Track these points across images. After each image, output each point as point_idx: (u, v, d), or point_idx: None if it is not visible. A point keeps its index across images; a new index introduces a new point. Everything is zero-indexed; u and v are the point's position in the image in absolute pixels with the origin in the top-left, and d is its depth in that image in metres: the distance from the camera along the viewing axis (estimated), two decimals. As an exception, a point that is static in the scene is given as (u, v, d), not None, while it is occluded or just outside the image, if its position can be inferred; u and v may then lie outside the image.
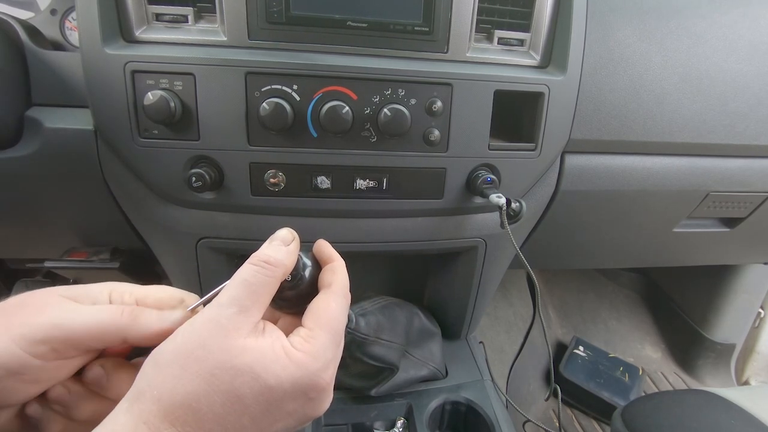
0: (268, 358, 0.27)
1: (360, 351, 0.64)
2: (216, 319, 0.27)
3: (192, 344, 0.26)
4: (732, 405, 0.67)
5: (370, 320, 0.64)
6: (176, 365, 0.26)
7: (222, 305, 0.28)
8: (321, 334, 0.29)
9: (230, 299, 0.28)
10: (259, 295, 0.29)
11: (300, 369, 0.27)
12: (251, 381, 0.26)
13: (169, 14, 0.53)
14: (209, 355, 0.26)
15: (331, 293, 0.32)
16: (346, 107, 0.52)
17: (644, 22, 0.63)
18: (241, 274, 0.29)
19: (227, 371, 0.26)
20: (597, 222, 0.80)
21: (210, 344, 0.26)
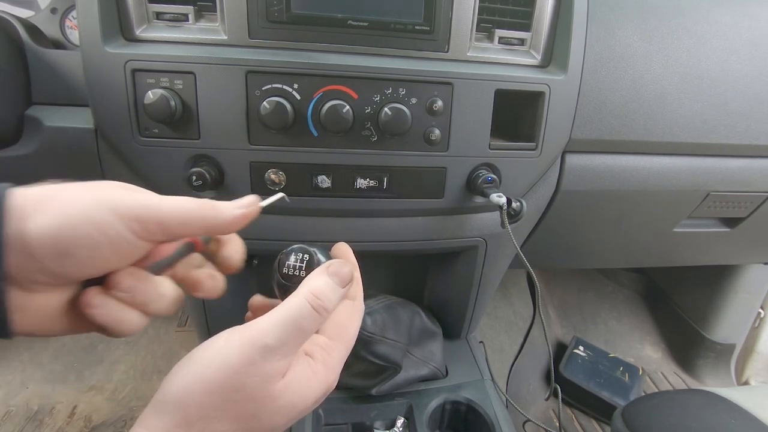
0: (304, 387, 0.28)
1: (365, 349, 0.64)
2: (260, 365, 0.26)
3: (231, 389, 0.26)
4: (732, 405, 0.67)
5: (377, 319, 0.64)
6: (213, 410, 0.25)
7: (269, 350, 0.26)
8: (340, 347, 0.30)
9: (279, 344, 0.26)
10: (303, 341, 0.28)
11: (322, 384, 0.29)
12: (289, 412, 0.28)
13: (170, 13, 0.53)
14: (251, 400, 0.26)
15: (355, 309, 0.33)
16: (346, 106, 0.52)
17: (645, 21, 0.63)
18: (298, 318, 0.27)
19: (269, 412, 0.27)
20: (597, 222, 0.80)
21: (251, 390, 0.26)
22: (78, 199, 0.25)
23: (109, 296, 0.27)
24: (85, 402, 1.17)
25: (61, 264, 0.25)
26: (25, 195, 0.25)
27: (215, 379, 0.26)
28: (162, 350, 1.31)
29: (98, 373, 1.24)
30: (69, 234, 0.24)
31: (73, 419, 1.13)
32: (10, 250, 0.23)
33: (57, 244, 0.24)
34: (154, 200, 0.27)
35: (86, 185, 0.27)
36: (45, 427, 1.11)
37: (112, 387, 1.21)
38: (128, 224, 0.26)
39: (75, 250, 0.25)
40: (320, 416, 0.71)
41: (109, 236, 0.25)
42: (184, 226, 0.28)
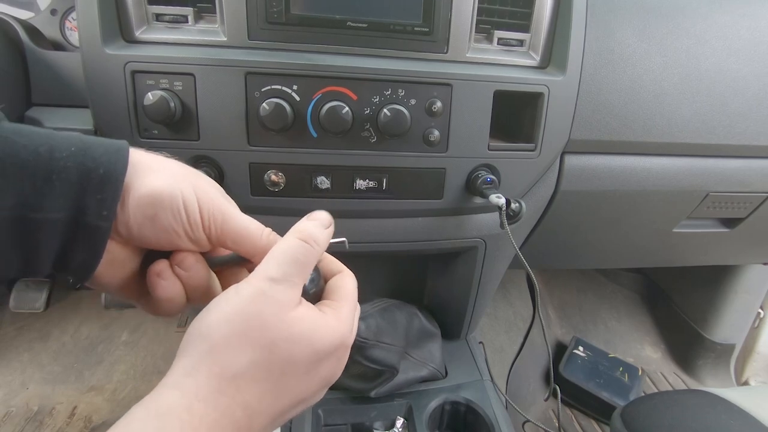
0: (317, 325, 0.29)
1: (360, 354, 0.64)
2: (270, 294, 0.28)
3: (248, 316, 0.27)
4: (732, 405, 0.67)
5: (370, 323, 0.64)
6: (234, 337, 0.27)
7: (275, 280, 0.28)
8: (345, 304, 0.32)
9: (282, 275, 0.28)
10: (305, 272, 0.30)
11: (337, 332, 0.30)
12: (306, 347, 0.28)
13: (169, 14, 0.53)
14: (268, 326, 0.27)
15: (344, 276, 0.35)
16: (345, 107, 0.52)
17: (644, 22, 0.63)
18: (292, 251, 0.29)
19: (286, 340, 0.28)
20: (597, 222, 0.80)
21: (267, 317, 0.27)
22: (182, 177, 0.30)
23: (173, 272, 0.31)
24: (85, 402, 1.17)
25: (143, 224, 0.29)
26: (143, 157, 0.29)
27: (234, 309, 0.27)
28: (162, 350, 1.31)
29: (98, 374, 1.24)
30: (166, 200, 0.28)
31: (73, 420, 1.13)
32: None
33: (152, 205, 0.28)
34: (234, 216, 0.31)
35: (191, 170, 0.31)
36: (45, 427, 1.11)
37: (112, 387, 1.21)
38: (204, 216, 0.30)
39: (163, 218, 0.29)
40: (320, 416, 0.71)
41: (189, 218, 0.29)
42: (238, 238, 0.32)
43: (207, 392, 0.25)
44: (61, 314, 1.36)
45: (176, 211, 0.29)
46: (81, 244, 0.27)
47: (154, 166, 0.29)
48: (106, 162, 0.27)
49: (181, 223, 0.29)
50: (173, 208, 0.29)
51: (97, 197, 0.26)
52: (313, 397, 0.31)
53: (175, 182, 0.29)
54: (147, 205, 0.28)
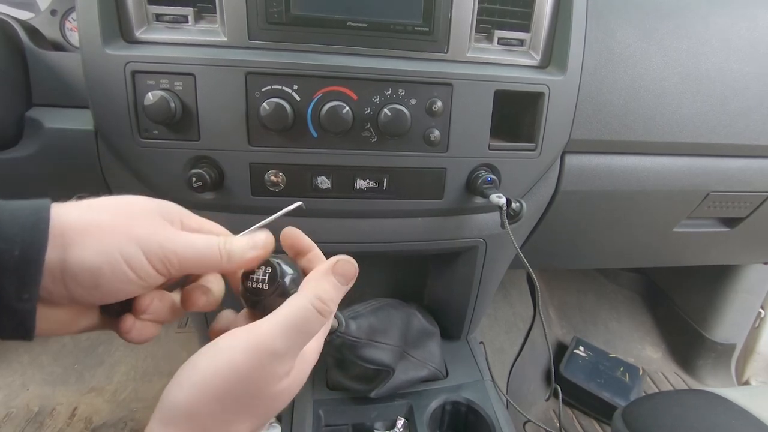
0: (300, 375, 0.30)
1: (352, 354, 0.63)
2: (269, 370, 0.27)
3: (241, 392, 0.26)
4: (732, 405, 0.67)
5: (362, 323, 0.64)
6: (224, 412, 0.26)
7: (277, 355, 0.27)
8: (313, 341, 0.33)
9: (286, 349, 0.27)
10: (307, 341, 0.29)
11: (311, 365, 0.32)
12: (289, 397, 0.29)
13: (170, 14, 0.53)
14: (257, 397, 0.27)
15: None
16: (346, 107, 0.52)
17: (644, 22, 0.63)
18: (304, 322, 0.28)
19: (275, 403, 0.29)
20: (597, 222, 0.80)
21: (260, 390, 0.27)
22: (119, 235, 0.27)
23: (139, 319, 0.31)
24: (86, 403, 1.17)
25: (90, 293, 0.27)
26: (68, 221, 0.26)
27: (225, 386, 0.26)
28: (163, 352, 1.31)
29: (99, 375, 1.24)
30: (106, 270, 0.26)
31: (74, 421, 1.13)
32: (47, 275, 0.25)
33: (93, 277, 0.26)
34: (183, 244, 0.29)
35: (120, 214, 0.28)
36: (45, 428, 1.11)
37: (112, 388, 1.21)
38: (154, 264, 0.28)
39: (108, 284, 0.27)
40: (320, 417, 0.71)
41: (139, 274, 0.27)
42: (199, 267, 0.30)
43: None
44: (62, 315, 1.36)
45: (122, 275, 0.27)
46: (7, 321, 0.25)
47: (84, 232, 0.26)
48: (20, 242, 0.24)
49: (131, 282, 0.27)
50: (117, 274, 0.26)
51: (14, 280, 0.24)
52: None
53: (112, 245, 0.26)
54: (86, 279, 0.26)
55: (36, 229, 0.25)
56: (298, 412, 0.71)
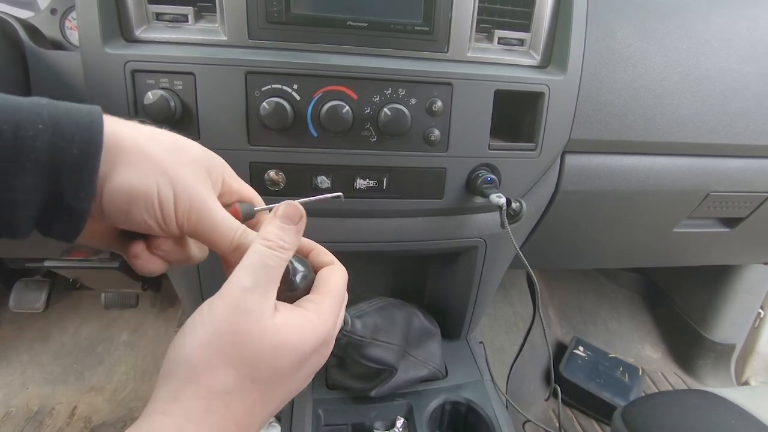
0: (298, 329, 0.29)
1: (357, 353, 0.63)
2: (244, 306, 0.27)
3: (226, 336, 0.27)
4: (732, 405, 0.67)
5: (367, 322, 0.64)
6: (215, 359, 0.26)
7: (248, 290, 0.27)
8: (329, 299, 0.32)
9: (255, 283, 0.28)
10: (276, 280, 0.29)
11: (319, 331, 0.30)
12: (289, 353, 0.28)
13: (170, 14, 0.53)
14: (248, 342, 0.27)
15: (334, 269, 0.34)
16: (346, 107, 0.52)
17: (645, 21, 0.63)
18: (261, 258, 0.29)
19: (268, 351, 0.27)
20: (597, 222, 0.80)
21: (245, 330, 0.27)
22: (161, 169, 0.28)
23: (150, 252, 0.32)
24: (85, 403, 1.17)
25: (119, 215, 0.28)
26: (121, 138, 0.27)
27: (209, 330, 0.27)
28: (162, 351, 1.30)
29: (98, 374, 1.24)
30: (140, 197, 0.27)
31: (73, 420, 1.13)
32: None
33: (128, 200, 0.27)
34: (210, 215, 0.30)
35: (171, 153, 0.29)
36: (45, 427, 1.11)
37: (112, 388, 1.21)
38: (178, 212, 0.29)
39: (138, 212, 0.28)
40: (320, 416, 0.71)
41: (164, 214, 0.28)
42: (207, 238, 0.31)
43: (196, 413, 0.25)
44: (61, 314, 1.36)
45: (150, 209, 0.28)
46: (59, 219, 0.26)
47: (131, 153, 0.27)
48: (79, 141, 0.25)
49: (155, 219, 0.28)
50: (147, 206, 0.28)
51: (72, 179, 0.25)
52: (300, 389, 0.32)
53: (152, 177, 0.27)
54: (121, 201, 0.27)
55: (91, 130, 0.25)
56: (297, 411, 0.71)
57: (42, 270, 1.25)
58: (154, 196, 0.27)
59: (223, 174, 0.33)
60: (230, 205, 0.34)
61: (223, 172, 0.33)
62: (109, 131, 0.26)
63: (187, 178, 0.29)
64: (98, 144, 0.25)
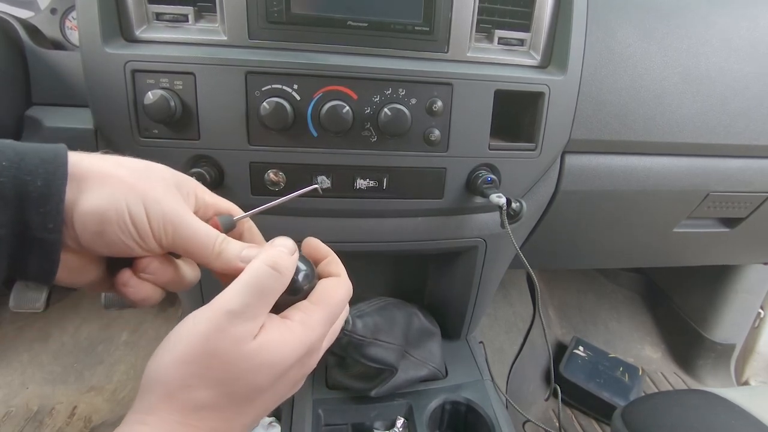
0: (280, 345, 0.29)
1: (358, 353, 0.63)
2: (227, 329, 0.27)
3: (205, 355, 0.27)
4: (732, 405, 0.67)
5: (368, 322, 0.64)
6: (192, 379, 0.27)
7: (234, 314, 0.27)
8: (321, 310, 0.32)
9: (242, 307, 0.28)
10: (269, 303, 0.29)
11: (301, 342, 0.30)
12: (269, 370, 0.28)
13: (170, 13, 0.53)
14: (227, 363, 0.27)
15: (339, 282, 0.34)
16: (346, 107, 0.52)
17: (645, 22, 0.63)
18: (257, 280, 0.28)
19: (247, 371, 0.27)
20: (597, 222, 0.80)
21: (225, 353, 0.27)
22: (128, 188, 0.28)
23: (138, 277, 0.31)
24: (85, 402, 1.17)
25: (95, 240, 0.27)
26: (86, 166, 0.27)
27: (188, 349, 0.27)
28: (162, 351, 1.31)
29: (98, 374, 1.24)
30: (112, 216, 0.27)
31: (73, 420, 1.13)
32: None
33: (99, 222, 0.27)
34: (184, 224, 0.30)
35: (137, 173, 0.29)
36: (45, 427, 1.11)
37: (112, 387, 1.21)
38: (153, 227, 0.28)
39: (112, 233, 0.27)
40: (320, 416, 0.71)
41: (139, 231, 0.28)
42: (189, 250, 0.30)
43: (171, 426, 0.26)
44: (61, 314, 1.36)
45: (124, 227, 0.27)
46: (33, 255, 0.26)
47: (97, 178, 0.27)
48: (43, 173, 0.25)
49: (131, 237, 0.28)
50: (120, 225, 0.27)
51: (39, 211, 0.25)
52: (282, 399, 0.31)
53: (121, 196, 0.27)
54: (92, 223, 0.27)
55: (56, 162, 0.26)
56: (297, 411, 0.71)
57: (42, 270, 1.25)
58: (125, 213, 0.27)
59: (195, 190, 0.33)
60: (209, 219, 0.33)
61: (195, 188, 0.33)
62: (73, 162, 0.26)
63: (158, 192, 0.29)
64: (63, 174, 0.25)
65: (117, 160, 0.29)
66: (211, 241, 0.30)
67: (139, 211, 0.28)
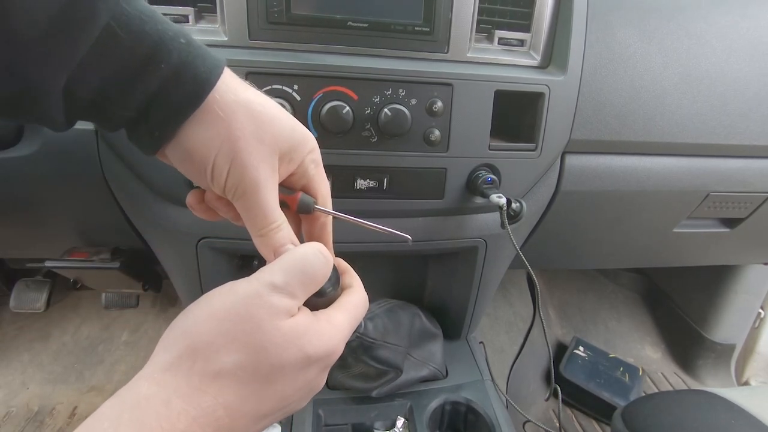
0: (311, 331, 0.28)
1: (367, 354, 0.64)
2: (266, 298, 0.27)
3: (239, 317, 0.26)
4: (732, 405, 0.67)
5: (378, 324, 0.64)
6: (221, 336, 0.26)
7: (275, 286, 0.27)
8: (345, 314, 0.32)
9: (284, 283, 0.28)
10: (310, 289, 0.29)
11: (330, 339, 0.30)
12: (297, 352, 0.27)
13: (170, 14, 0.53)
14: (259, 330, 0.26)
15: (355, 291, 0.35)
16: (346, 107, 0.52)
17: (645, 22, 0.63)
18: (304, 261, 0.29)
19: (277, 345, 0.27)
20: (597, 222, 0.80)
21: (260, 320, 0.26)
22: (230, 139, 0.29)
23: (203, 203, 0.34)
24: (86, 402, 1.17)
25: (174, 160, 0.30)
26: (225, 84, 0.29)
27: (223, 306, 0.27)
28: (162, 351, 1.31)
29: (99, 374, 1.24)
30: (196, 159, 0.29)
31: (74, 420, 1.13)
32: None
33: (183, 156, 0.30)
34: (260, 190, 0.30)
35: (256, 126, 0.30)
36: (45, 427, 1.11)
37: (112, 387, 1.21)
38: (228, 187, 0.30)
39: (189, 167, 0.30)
40: (321, 417, 0.71)
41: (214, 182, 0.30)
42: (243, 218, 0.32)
43: (187, 389, 0.24)
44: (61, 314, 1.37)
45: (202, 170, 0.29)
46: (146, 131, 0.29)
47: (213, 116, 0.29)
48: (191, 81, 0.28)
49: (205, 179, 0.30)
50: (200, 167, 0.29)
51: (172, 107, 0.28)
52: (297, 402, 0.30)
53: (217, 143, 0.29)
54: (179, 152, 0.29)
55: (209, 81, 0.28)
56: (297, 411, 0.71)
57: (43, 270, 1.25)
58: (209, 162, 0.29)
59: (305, 157, 0.33)
60: (294, 192, 0.34)
61: (306, 155, 0.33)
62: (218, 87, 0.28)
63: (252, 157, 0.29)
64: (201, 93, 0.28)
65: (250, 98, 0.30)
66: (265, 222, 0.31)
67: (221, 164, 0.29)
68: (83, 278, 1.08)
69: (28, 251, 0.86)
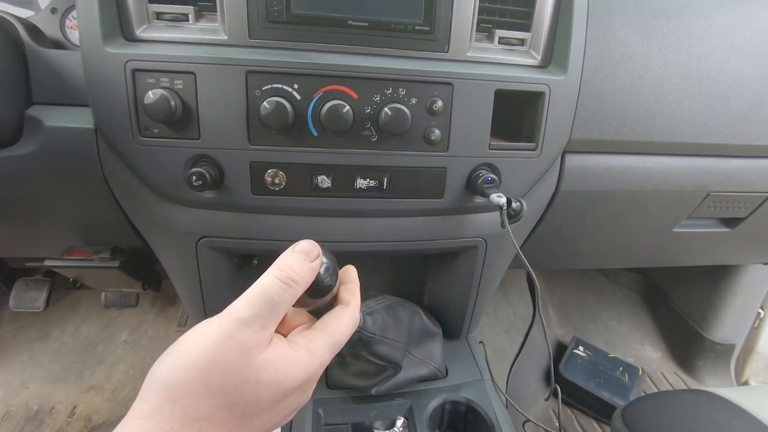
0: (285, 364, 0.29)
1: (366, 350, 0.64)
2: (237, 338, 0.27)
3: (212, 362, 0.27)
4: (732, 405, 0.67)
5: (377, 319, 0.64)
6: (196, 385, 0.27)
7: (244, 322, 0.28)
8: (325, 338, 0.32)
9: (252, 316, 0.28)
10: (279, 313, 0.30)
11: (306, 367, 0.30)
12: (272, 387, 0.28)
13: (170, 13, 0.53)
14: (232, 372, 0.27)
15: (347, 311, 0.35)
16: (346, 106, 0.52)
17: (645, 21, 0.63)
18: (267, 291, 0.29)
19: (251, 384, 0.28)
20: (597, 222, 0.80)
21: (232, 362, 0.27)
22: None
23: None
24: (85, 402, 1.17)
25: None
26: None
27: (197, 355, 0.27)
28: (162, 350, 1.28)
29: (98, 373, 1.24)
30: None
31: (73, 419, 1.13)
32: None
33: None
34: None
35: None
36: (45, 427, 1.11)
37: (111, 387, 1.21)
38: None
39: None
40: (320, 416, 0.71)
41: None
42: None
43: None
44: (61, 314, 1.36)
45: None
46: None
47: None
48: None
49: None
50: None
51: None
52: (279, 425, 0.31)
53: None
54: None
55: None
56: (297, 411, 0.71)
57: (42, 269, 1.25)
58: None
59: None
60: None
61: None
62: None
63: None
64: None
65: None
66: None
67: None
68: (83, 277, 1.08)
69: (27, 250, 0.86)
